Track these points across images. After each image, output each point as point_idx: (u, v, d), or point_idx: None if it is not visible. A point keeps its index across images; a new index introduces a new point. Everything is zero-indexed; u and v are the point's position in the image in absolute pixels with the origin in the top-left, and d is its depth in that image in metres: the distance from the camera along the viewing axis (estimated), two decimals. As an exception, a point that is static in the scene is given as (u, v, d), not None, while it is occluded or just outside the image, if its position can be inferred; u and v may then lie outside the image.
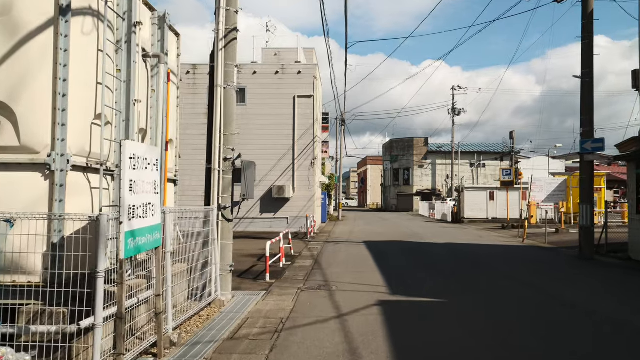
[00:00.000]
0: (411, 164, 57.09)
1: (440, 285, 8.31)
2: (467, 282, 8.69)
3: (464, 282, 8.68)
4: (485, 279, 9.24)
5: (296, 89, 22.57)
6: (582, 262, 12.12)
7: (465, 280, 8.98)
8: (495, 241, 17.44)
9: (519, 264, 11.62)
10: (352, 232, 21.67)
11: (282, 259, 10.72)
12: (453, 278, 9.18)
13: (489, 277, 9.49)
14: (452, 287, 8.18)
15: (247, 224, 22.12)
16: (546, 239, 17.26)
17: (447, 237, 18.60)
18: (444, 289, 8.01)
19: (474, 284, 8.59)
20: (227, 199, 7.13)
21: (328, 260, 11.52)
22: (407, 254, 12.99)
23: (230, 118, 7.16)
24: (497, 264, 11.42)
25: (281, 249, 10.65)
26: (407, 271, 9.89)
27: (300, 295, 7.48)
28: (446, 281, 8.80)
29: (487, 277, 9.47)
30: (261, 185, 22.25)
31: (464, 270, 10.34)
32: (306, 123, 22.45)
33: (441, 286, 8.25)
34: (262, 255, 12.13)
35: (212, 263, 6.75)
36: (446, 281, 8.80)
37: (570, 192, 24.23)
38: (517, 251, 14.50)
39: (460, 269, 10.49)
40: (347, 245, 15.15)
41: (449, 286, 8.28)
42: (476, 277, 9.42)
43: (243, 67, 22.69)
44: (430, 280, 8.80)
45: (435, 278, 9.10)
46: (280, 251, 10.64)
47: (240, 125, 23.08)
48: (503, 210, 31.16)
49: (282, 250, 10.88)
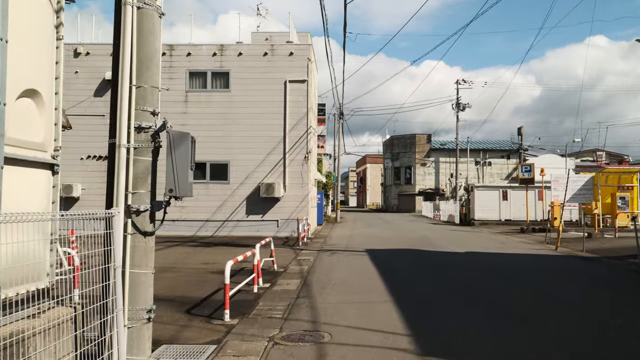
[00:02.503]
0: (413, 162, 54.21)
1: (500, 331, 5.39)
2: (537, 327, 5.64)
3: (535, 327, 5.58)
4: (555, 315, 6.35)
5: (288, 72, 19.67)
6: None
7: (532, 320, 5.97)
8: (523, 249, 14.56)
9: (580, 285, 8.74)
10: (351, 237, 18.77)
11: (257, 280, 7.82)
12: (511, 317, 6.22)
13: (557, 313, 6.60)
14: (521, 336, 5.24)
15: (230, 227, 19.23)
16: (584, 246, 14.41)
17: (464, 244, 15.72)
18: (509, 340, 5.08)
19: (551, 328, 5.64)
20: (142, 196, 4.23)
21: (321, 279, 8.62)
22: (424, 269, 10.10)
23: (150, 60, 4.22)
24: (555, 288, 8.54)
25: (256, 265, 7.73)
26: (434, 301, 6.99)
27: (270, 354, 4.58)
28: (504, 322, 5.86)
29: (555, 312, 6.58)
30: (247, 183, 19.37)
31: (514, 297, 7.44)
32: (299, 112, 19.56)
33: (502, 333, 5.32)
34: (234, 273, 9.25)
35: (113, 308, 3.84)
36: (504, 322, 5.86)
37: (598, 190, 21.36)
38: (560, 264, 11.61)
39: (509, 296, 7.59)
40: (346, 256, 12.25)
41: (515, 334, 5.33)
42: (540, 310, 6.53)
43: (227, 48, 19.83)
44: (479, 321, 5.84)
45: (487, 317, 6.15)
46: (254, 269, 7.72)
47: (223, 114, 20.26)
48: (517, 211, 28.29)
49: (258, 267, 7.98)
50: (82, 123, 19.61)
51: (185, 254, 12.28)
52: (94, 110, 19.64)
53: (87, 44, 19.90)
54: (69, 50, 19.74)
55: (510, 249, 14.43)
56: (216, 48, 19.83)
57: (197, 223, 19.27)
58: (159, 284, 8.12)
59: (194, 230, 19.23)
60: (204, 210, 19.31)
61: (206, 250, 13.38)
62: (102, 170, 18.25)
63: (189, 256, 11.82)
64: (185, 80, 19.69)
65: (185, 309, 6.31)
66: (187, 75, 19.71)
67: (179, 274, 9.06)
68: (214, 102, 19.66)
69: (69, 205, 19.29)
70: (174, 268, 9.74)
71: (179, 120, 19.73)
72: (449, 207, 35.64)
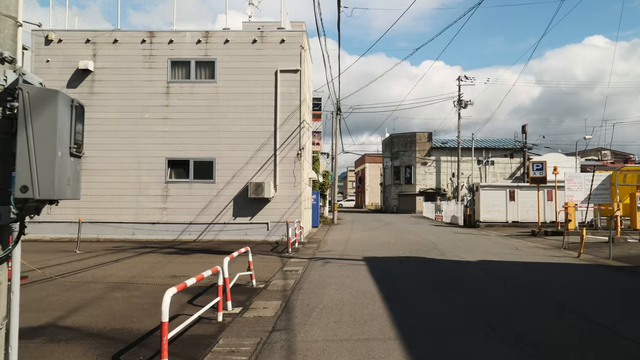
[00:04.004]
0: (413, 161, 52.51)
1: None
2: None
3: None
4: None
5: (279, 61, 17.99)
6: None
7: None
8: (542, 257, 12.88)
9: (633, 309, 7.06)
10: (348, 242, 17.08)
11: (222, 305, 6.11)
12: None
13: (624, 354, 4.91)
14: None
15: (216, 231, 17.54)
16: (610, 253, 12.75)
17: (474, 250, 14.03)
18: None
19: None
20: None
21: (307, 301, 6.92)
22: (434, 286, 8.40)
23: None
24: (603, 312, 6.85)
25: (221, 286, 6.01)
26: (454, 337, 5.29)
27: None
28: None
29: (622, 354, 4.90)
30: (234, 182, 17.68)
31: (555, 330, 5.76)
32: (291, 104, 17.87)
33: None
34: (203, 291, 7.57)
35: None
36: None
37: (616, 190, 19.71)
38: (591, 276, 9.93)
39: (547, 326, 5.90)
40: (340, 266, 10.56)
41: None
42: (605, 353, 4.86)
43: (212, 35, 18.13)
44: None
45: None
46: (219, 291, 5.99)
47: (209, 107, 18.54)
48: (526, 212, 26.65)
49: (226, 286, 6.27)
50: (54, 117, 17.92)
51: (154, 264, 10.57)
52: (67, 102, 17.93)
53: (59, 31, 18.19)
54: (39, 37, 18.05)
55: (527, 256, 12.75)
56: (201, 35, 18.13)
57: (179, 226, 17.58)
58: (99, 308, 6.24)
59: (175, 234, 17.54)
60: (187, 212, 17.63)
61: (181, 258, 11.68)
62: None
63: (157, 267, 10.12)
64: (167, 70, 17.99)
65: (112, 353, 4.61)
66: (169, 65, 18.02)
67: (133, 292, 7.36)
68: (198, 94, 17.97)
69: (39, 206, 17.57)
70: (130, 284, 8.04)
71: (159, 114, 18.07)
72: (451, 208, 33.98)
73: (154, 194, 17.72)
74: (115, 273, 9.21)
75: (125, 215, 17.66)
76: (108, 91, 17.99)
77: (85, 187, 17.69)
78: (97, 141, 17.83)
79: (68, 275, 8.92)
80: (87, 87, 18.01)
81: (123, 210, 17.67)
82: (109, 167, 17.77)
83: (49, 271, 9.20)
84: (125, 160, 17.82)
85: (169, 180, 17.79)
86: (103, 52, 18.05)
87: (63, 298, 6.93)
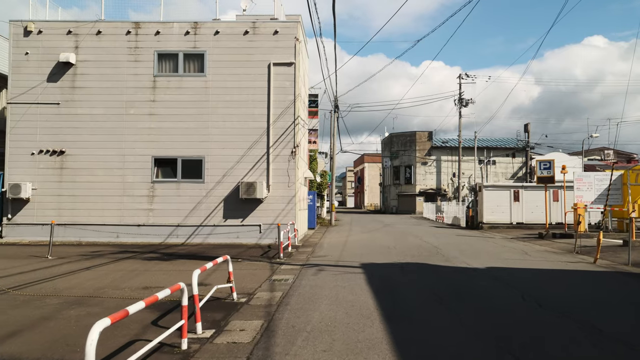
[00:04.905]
0: (413, 161, 51.51)
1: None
2: None
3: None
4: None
5: (272, 54, 16.97)
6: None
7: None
8: (554, 262, 11.85)
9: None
10: (345, 245, 16.05)
11: (185, 332, 5.06)
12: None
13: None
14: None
15: (205, 234, 16.52)
16: (629, 258, 11.72)
17: (481, 255, 13.00)
18: None
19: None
20: None
21: (293, 323, 5.88)
22: (441, 300, 7.35)
23: None
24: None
25: (185, 307, 4.95)
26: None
27: None
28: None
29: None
30: (225, 181, 16.66)
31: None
32: (285, 100, 16.85)
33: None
34: (176, 305, 6.54)
35: None
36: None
37: (628, 190, 18.69)
38: (615, 287, 8.90)
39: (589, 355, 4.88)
40: (335, 275, 9.52)
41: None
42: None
43: (202, 26, 17.10)
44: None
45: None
46: (183, 312, 4.93)
47: (198, 102, 17.48)
48: (530, 213, 25.63)
49: (196, 305, 5.24)
50: (34, 113, 16.90)
51: (128, 272, 9.53)
52: (48, 97, 16.93)
53: (39, 22, 17.15)
54: (18, 27, 17.02)
55: (539, 262, 11.71)
56: (189, 26, 17.10)
57: (166, 229, 16.54)
58: (42, 332, 5.17)
59: (162, 237, 16.50)
60: (174, 214, 16.60)
61: (161, 265, 10.64)
62: (57, 167, 15.24)
63: (130, 276, 9.07)
64: (154, 63, 16.96)
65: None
66: (156, 58, 16.99)
67: (92, 310, 6.32)
68: (186, 89, 16.94)
69: (17, 207, 16.57)
70: (93, 298, 7.00)
71: (145, 110, 17.02)
72: (453, 209, 32.96)
73: (140, 195, 16.69)
74: (81, 284, 8.17)
75: (109, 217, 16.62)
76: (91, 85, 16.95)
77: (66, 187, 16.67)
78: (79, 138, 16.80)
79: (26, 286, 7.88)
80: (68, 81, 16.97)
81: (107, 212, 16.62)
82: (92, 165, 16.74)
83: (6, 282, 8.17)
84: (109, 159, 16.79)
85: (156, 179, 16.76)
86: (85, 44, 17.01)
87: (4, 318, 5.89)
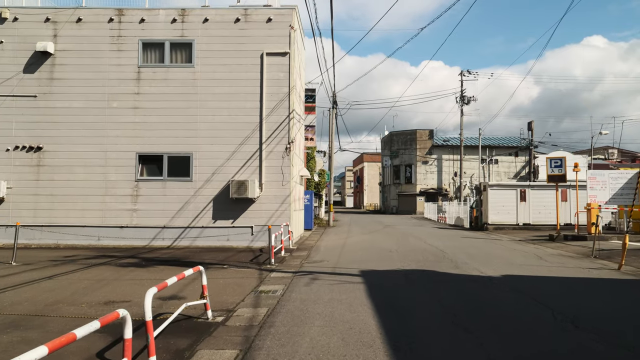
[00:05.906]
0: (414, 160, 50.37)
1: None
2: None
3: None
4: None
5: (265, 43, 15.81)
6: None
7: None
8: (574, 269, 10.70)
9: None
10: (344, 248, 14.90)
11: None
12: None
13: None
14: None
15: (193, 236, 15.36)
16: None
17: (492, 260, 11.85)
18: None
19: None
20: None
21: (275, 355, 4.70)
22: (457, 318, 6.19)
23: None
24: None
25: (128, 342, 3.80)
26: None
27: None
28: None
29: None
30: (214, 180, 15.50)
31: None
32: (279, 92, 15.69)
33: None
34: (141, 324, 5.33)
35: None
36: None
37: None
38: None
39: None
40: (331, 286, 8.35)
41: None
42: None
43: (189, 13, 15.94)
44: None
45: None
46: (125, 349, 3.78)
47: (185, 94, 16.29)
48: (537, 214, 24.50)
49: (150, 344, 4.08)
50: (9, 106, 15.72)
51: (95, 282, 8.36)
52: (24, 89, 15.75)
53: (15, 8, 15.98)
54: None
55: (558, 269, 10.56)
56: (176, 13, 15.94)
57: (152, 231, 15.38)
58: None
59: (147, 239, 15.34)
60: (160, 214, 15.43)
61: (136, 273, 9.47)
62: (34, 165, 13.94)
63: (96, 287, 7.90)
64: (138, 52, 15.80)
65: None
66: (140, 47, 15.82)
67: (28, 334, 5.14)
68: (173, 80, 15.78)
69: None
70: (38, 318, 5.83)
71: (129, 103, 15.85)
72: (455, 209, 31.82)
73: (123, 194, 15.52)
74: (34, 297, 7.01)
75: (90, 218, 15.45)
76: (70, 77, 15.78)
77: (43, 186, 15.51)
78: (58, 133, 15.64)
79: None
80: (46, 72, 15.80)
81: (87, 213, 15.45)
82: (72, 163, 15.57)
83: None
84: (90, 156, 15.62)
85: (140, 178, 15.59)
86: (65, 33, 15.83)
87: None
